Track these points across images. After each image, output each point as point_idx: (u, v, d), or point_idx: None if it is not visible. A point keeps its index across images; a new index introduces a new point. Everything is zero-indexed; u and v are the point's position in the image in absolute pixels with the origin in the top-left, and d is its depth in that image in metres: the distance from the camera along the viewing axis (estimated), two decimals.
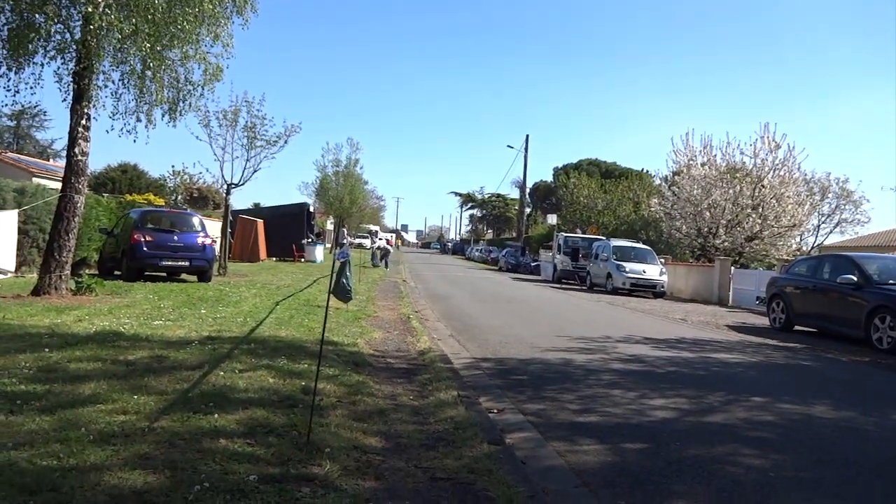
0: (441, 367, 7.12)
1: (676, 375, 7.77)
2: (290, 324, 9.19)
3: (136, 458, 3.56)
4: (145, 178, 46.98)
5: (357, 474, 3.66)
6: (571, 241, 31.81)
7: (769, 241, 26.92)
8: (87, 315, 8.67)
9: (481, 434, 4.65)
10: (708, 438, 5.04)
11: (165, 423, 4.20)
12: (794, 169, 27.16)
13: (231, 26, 11.97)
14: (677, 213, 28.74)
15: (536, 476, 4.02)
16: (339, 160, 48.40)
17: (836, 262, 13.61)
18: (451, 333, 10.58)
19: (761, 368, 8.80)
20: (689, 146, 29.60)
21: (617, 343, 10.27)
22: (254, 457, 3.73)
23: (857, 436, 5.41)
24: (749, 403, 6.40)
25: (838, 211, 41.96)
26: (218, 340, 7.35)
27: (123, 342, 6.83)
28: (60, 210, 10.78)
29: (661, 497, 3.77)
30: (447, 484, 3.69)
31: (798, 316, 13.98)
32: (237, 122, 18.74)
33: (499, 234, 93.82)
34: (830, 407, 6.46)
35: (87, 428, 3.95)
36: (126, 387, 4.98)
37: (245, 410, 4.59)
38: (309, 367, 6.16)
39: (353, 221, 63.72)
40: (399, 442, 4.40)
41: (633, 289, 24.07)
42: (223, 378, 5.49)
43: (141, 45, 10.19)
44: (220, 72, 12.16)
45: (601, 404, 6.03)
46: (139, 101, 11.38)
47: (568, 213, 46.82)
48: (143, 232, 14.87)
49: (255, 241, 28.60)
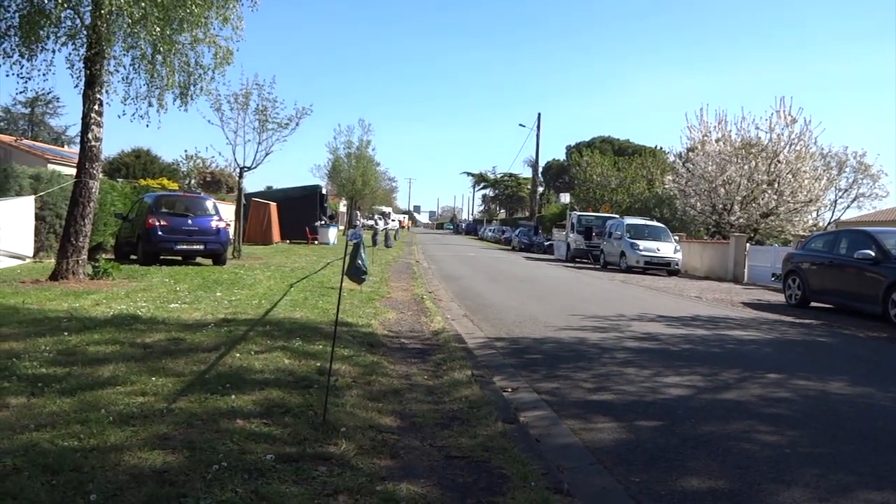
0: (455, 347, 7.15)
1: (691, 353, 7.75)
2: (304, 305, 9.25)
3: (155, 438, 3.61)
4: (158, 163, 47.16)
5: (373, 453, 3.70)
6: (585, 219, 31.64)
7: (785, 217, 26.64)
8: (104, 299, 8.77)
9: (495, 413, 4.67)
10: (723, 415, 5.03)
11: (183, 404, 4.25)
12: (810, 143, 26.81)
13: (240, 8, 11.92)
14: (692, 189, 28.48)
15: (551, 454, 4.04)
16: (350, 142, 48.40)
17: (854, 237, 13.44)
18: (465, 313, 10.60)
19: (777, 345, 8.76)
20: (703, 122, 29.26)
21: (631, 321, 10.25)
22: (270, 436, 3.77)
23: (874, 412, 5.38)
24: (764, 380, 6.38)
25: (856, 185, 41.52)
26: (233, 323, 7.42)
27: (141, 325, 6.91)
28: (76, 195, 10.87)
29: (676, 474, 3.78)
30: (462, 462, 3.72)
31: (814, 292, 13.87)
32: (248, 106, 18.78)
33: (511, 213, 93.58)
34: (847, 383, 6.43)
35: (107, 409, 4.02)
36: (144, 369, 5.05)
37: (261, 391, 4.64)
38: (324, 348, 6.20)
39: (365, 203, 63.78)
40: (414, 421, 4.44)
41: (646, 267, 23.96)
42: (239, 359, 5.55)
43: (151, 30, 10.18)
44: (230, 55, 12.14)
45: (615, 382, 6.03)
46: (150, 86, 11.40)
47: (581, 192, 46.55)
48: (158, 216, 14.97)
49: (268, 224, 28.73)
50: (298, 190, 34.81)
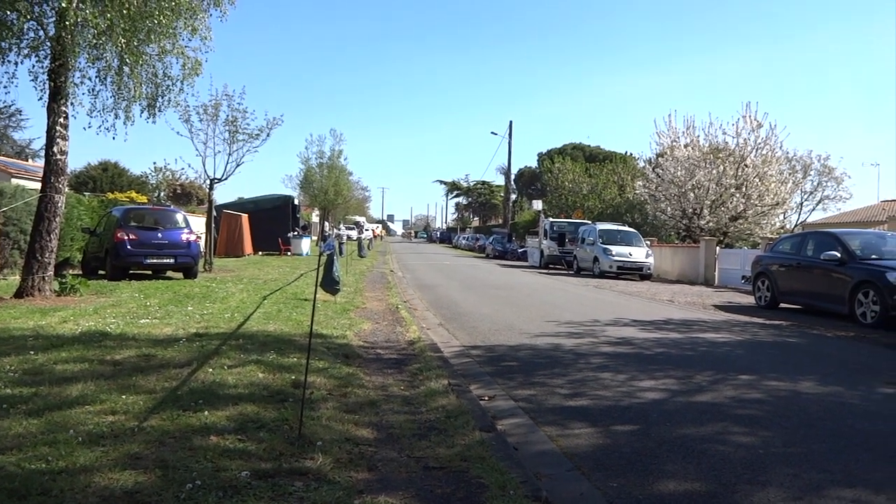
0: (431, 357, 7.13)
1: (665, 357, 7.83)
2: (278, 318, 9.16)
3: (126, 458, 3.53)
4: (127, 176, 46.51)
5: (350, 466, 3.66)
6: (557, 226, 31.86)
7: (753, 220, 27.12)
8: (72, 316, 8.59)
9: (473, 421, 4.66)
10: (697, 418, 5.08)
11: (155, 421, 4.17)
12: (776, 147, 27.39)
13: (209, 19, 11.83)
14: (662, 194, 28.87)
15: (529, 461, 4.04)
16: (322, 152, 48.16)
17: (820, 238, 13.73)
18: (440, 322, 10.59)
19: (748, 347, 8.89)
20: (671, 127, 29.74)
21: (605, 326, 10.32)
22: (245, 452, 3.71)
23: (844, 410, 5.48)
24: (737, 382, 6.47)
25: (820, 188, 42.50)
26: (206, 337, 7.31)
27: (110, 342, 6.77)
28: (41, 210, 10.64)
29: (653, 477, 3.80)
30: (440, 472, 3.70)
31: (783, 294, 14.12)
32: (218, 117, 18.56)
33: (485, 221, 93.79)
34: (817, 382, 6.54)
35: (76, 429, 3.92)
36: (114, 387, 4.95)
37: (235, 406, 4.57)
38: (298, 360, 6.14)
39: (338, 213, 63.47)
40: (391, 432, 4.41)
41: (620, 272, 24.19)
42: (212, 374, 5.46)
43: (117, 41, 10.04)
44: (198, 66, 12.02)
45: (591, 388, 6.06)
46: (117, 98, 11.24)
47: (553, 199, 46.92)
48: (127, 230, 14.72)
49: (240, 236, 28.42)
50: (270, 200, 34.46)
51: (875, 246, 12.72)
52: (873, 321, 11.18)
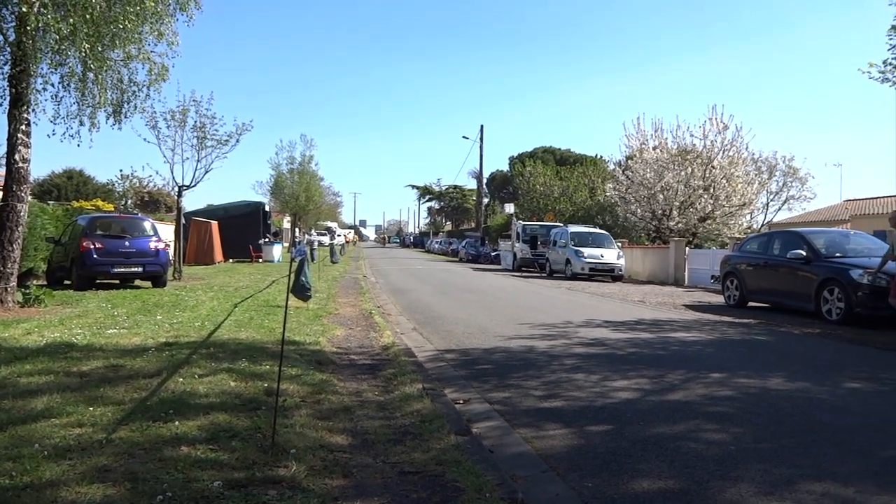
0: (405, 361, 7.10)
1: (637, 357, 7.90)
2: (249, 325, 9.05)
3: (94, 471, 3.46)
4: (92, 184, 45.73)
5: (324, 473, 3.63)
6: (530, 229, 32.02)
7: (721, 220, 27.56)
8: (36, 327, 8.39)
9: (448, 425, 4.66)
10: (670, 416, 5.14)
11: (124, 433, 4.09)
12: (742, 149, 27.87)
13: (175, 24, 11.68)
14: (632, 196, 29.19)
15: (505, 464, 4.05)
16: (293, 157, 47.74)
17: (786, 238, 14.00)
18: (415, 327, 10.56)
19: (718, 345, 9.02)
20: (640, 130, 30.11)
21: (578, 328, 10.39)
22: (217, 462, 3.66)
23: (812, 405, 5.59)
24: (708, 380, 6.55)
25: (785, 188, 43.35)
26: (176, 346, 7.20)
27: (76, 353, 6.63)
28: (3, 220, 10.37)
29: (628, 476, 3.83)
30: (416, 477, 3.69)
31: (751, 292, 14.36)
32: (186, 123, 18.29)
33: (458, 225, 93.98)
34: (785, 379, 6.66)
35: (41, 443, 3.82)
36: (81, 399, 4.84)
37: (206, 416, 4.50)
38: (271, 368, 6.07)
39: (310, 219, 63.04)
40: (366, 438, 4.38)
41: (591, 273, 24.39)
42: (182, 384, 5.38)
43: (80, 46, 9.84)
44: (165, 71, 11.87)
45: (565, 389, 6.09)
46: (81, 104, 11.02)
47: (525, 202, 47.13)
48: (93, 239, 14.44)
49: (210, 244, 28.04)
50: (241, 207, 34.06)
51: (839, 244, 13.01)
52: (838, 318, 11.42)
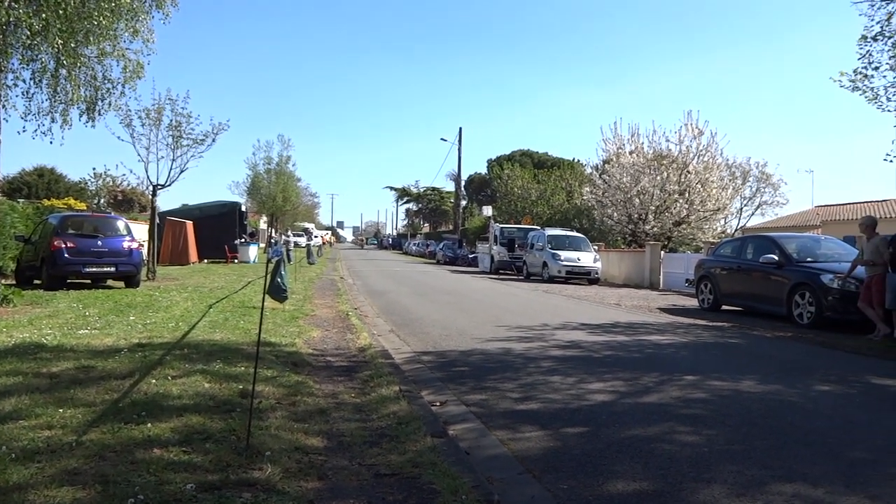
0: (382, 363, 7.08)
1: (613, 359, 7.96)
2: (224, 326, 8.96)
3: (63, 473, 3.39)
4: (64, 182, 44.95)
5: (299, 476, 3.60)
6: (507, 231, 32.14)
7: (696, 224, 27.91)
8: (4, 327, 8.21)
9: (424, 427, 4.65)
10: (644, 418, 5.18)
11: (94, 435, 4.02)
12: (716, 154, 28.28)
13: (151, 21, 11.54)
14: (608, 200, 29.44)
15: (481, 466, 4.05)
16: (270, 157, 47.51)
17: (759, 242, 14.22)
18: (392, 329, 10.54)
19: (692, 348, 9.12)
20: (617, 135, 30.42)
21: (555, 330, 10.44)
22: (191, 465, 3.61)
23: (783, 407, 5.67)
24: (682, 382, 6.62)
25: (759, 194, 44.03)
26: (149, 347, 7.09)
27: (46, 354, 6.50)
28: None
29: (603, 478, 3.85)
30: (392, 479, 3.67)
31: (725, 296, 14.55)
32: (161, 121, 18.04)
33: (435, 227, 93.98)
34: (758, 381, 6.75)
35: (9, 446, 3.74)
36: (50, 400, 4.75)
37: (180, 418, 4.44)
38: (246, 369, 6.01)
39: (287, 220, 62.64)
40: (342, 440, 4.35)
41: (568, 276, 24.54)
42: (155, 386, 5.30)
43: (53, 42, 9.69)
44: (140, 68, 11.73)
45: (541, 391, 6.12)
46: (53, 101, 10.86)
47: (503, 205, 47.29)
48: (64, 238, 14.19)
49: (184, 244, 27.70)
50: (216, 207, 33.69)
51: (810, 249, 13.25)
52: (809, 321, 11.62)
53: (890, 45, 10.97)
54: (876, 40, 11.07)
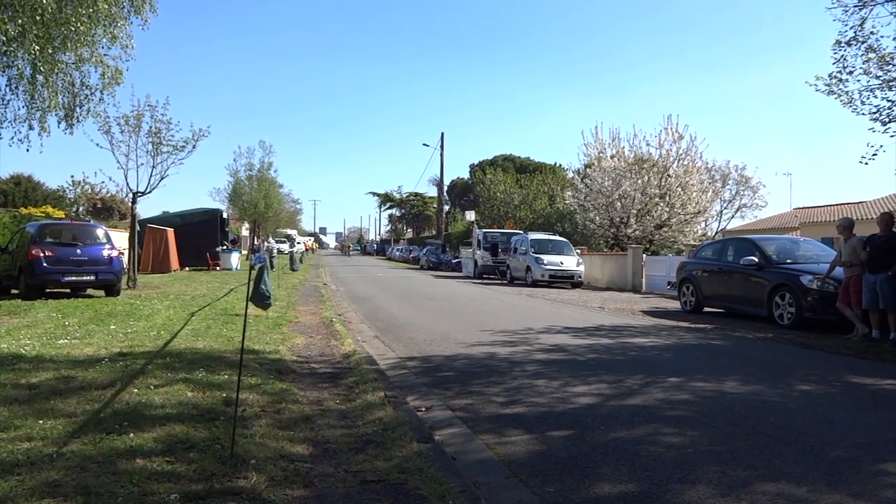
0: (367, 369, 7.05)
1: (597, 362, 8.00)
2: (207, 334, 8.88)
3: (44, 486, 3.34)
4: (42, 190, 44.41)
5: (285, 483, 3.57)
6: (490, 236, 32.21)
7: (677, 227, 28.17)
8: None
9: (410, 433, 4.63)
10: (629, 420, 5.21)
11: (76, 446, 3.96)
12: (696, 158, 28.60)
13: (130, 27, 11.45)
14: (590, 204, 29.62)
15: (467, 470, 4.05)
16: (251, 164, 47.16)
17: (739, 245, 14.37)
18: (376, 334, 10.51)
19: (675, 350, 9.19)
20: (598, 139, 30.64)
21: (539, 334, 10.47)
22: (174, 475, 3.57)
23: (766, 408, 5.73)
24: (666, 384, 6.67)
25: (738, 197, 44.62)
26: (130, 356, 7.01)
27: (25, 364, 6.41)
28: None
29: (589, 481, 3.87)
30: (378, 486, 3.66)
31: (707, 298, 14.68)
32: (140, 128, 17.86)
33: (419, 232, 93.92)
34: (740, 382, 6.81)
35: None
36: (30, 412, 4.67)
37: (163, 427, 4.40)
38: (229, 377, 5.96)
39: (269, 226, 62.29)
40: (327, 447, 4.33)
41: (552, 280, 24.62)
42: (137, 395, 5.24)
43: (29, 48, 9.58)
44: (119, 75, 11.63)
45: (526, 395, 6.13)
46: (30, 108, 10.74)
47: (486, 209, 47.42)
48: (43, 246, 14.00)
49: (165, 251, 27.45)
50: (198, 214, 33.42)
51: (790, 251, 13.41)
52: (790, 322, 11.75)
53: (863, 50, 11.16)
54: (850, 45, 11.26)
